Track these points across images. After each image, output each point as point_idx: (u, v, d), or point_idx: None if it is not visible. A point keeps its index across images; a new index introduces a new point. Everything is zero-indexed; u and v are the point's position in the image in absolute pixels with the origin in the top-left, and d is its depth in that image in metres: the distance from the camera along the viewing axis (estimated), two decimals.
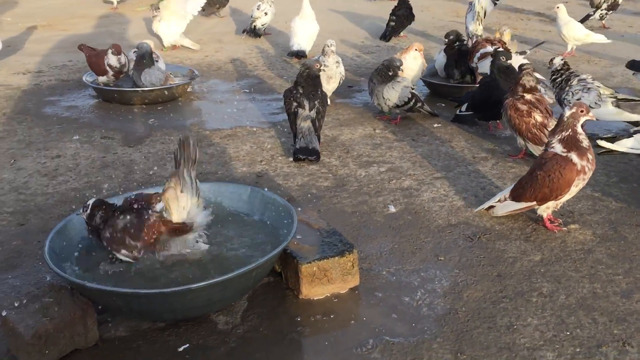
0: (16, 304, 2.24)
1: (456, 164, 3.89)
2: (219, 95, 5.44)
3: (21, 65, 6.33)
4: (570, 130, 2.88)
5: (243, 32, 7.55)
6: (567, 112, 2.91)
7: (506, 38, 5.35)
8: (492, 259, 2.83)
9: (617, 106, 4.23)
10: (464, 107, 4.55)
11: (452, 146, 4.18)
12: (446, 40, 5.28)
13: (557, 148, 2.91)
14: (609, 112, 4.20)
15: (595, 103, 4.15)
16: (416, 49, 5.01)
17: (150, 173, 3.81)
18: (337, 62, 4.81)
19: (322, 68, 4.43)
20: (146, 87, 4.99)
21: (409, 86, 4.48)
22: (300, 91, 4.07)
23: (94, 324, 2.27)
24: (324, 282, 2.56)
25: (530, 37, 7.46)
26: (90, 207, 2.48)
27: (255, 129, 4.56)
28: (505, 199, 3.10)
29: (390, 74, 4.46)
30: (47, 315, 2.18)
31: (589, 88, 4.21)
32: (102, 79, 5.16)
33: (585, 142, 2.90)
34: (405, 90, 4.45)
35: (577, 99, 4.11)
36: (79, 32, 7.89)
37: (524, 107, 3.74)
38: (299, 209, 2.90)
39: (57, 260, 2.38)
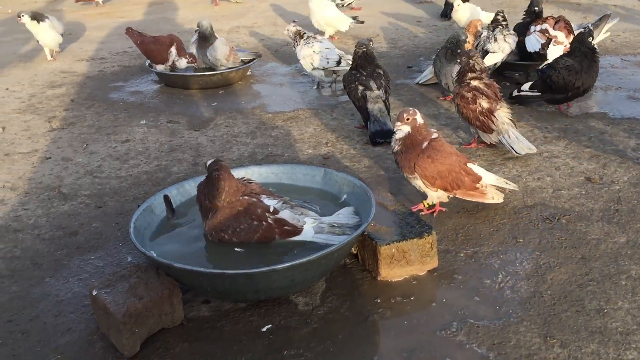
0: (106, 284, 2.30)
1: None
2: (278, 78, 5.44)
3: (83, 52, 6.48)
4: None
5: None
6: None
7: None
8: (574, 241, 2.74)
9: None
10: (525, 86, 4.39)
11: (521, 125, 4.06)
12: (535, 9, 5.05)
13: None
14: None
15: None
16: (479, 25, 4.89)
17: (218, 157, 3.84)
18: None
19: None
20: (212, 63, 5.03)
21: None
22: (364, 73, 4.01)
23: (180, 303, 2.32)
24: (403, 264, 2.54)
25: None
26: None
27: (317, 111, 4.54)
28: None
29: (458, 51, 4.35)
30: (137, 295, 2.22)
31: None
32: (160, 67, 5.19)
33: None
34: None
35: None
36: (136, 19, 8.02)
37: (469, 95, 3.59)
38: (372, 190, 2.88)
39: (141, 240, 2.43)
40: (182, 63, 5.10)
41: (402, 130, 2.88)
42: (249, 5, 8.62)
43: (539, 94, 4.33)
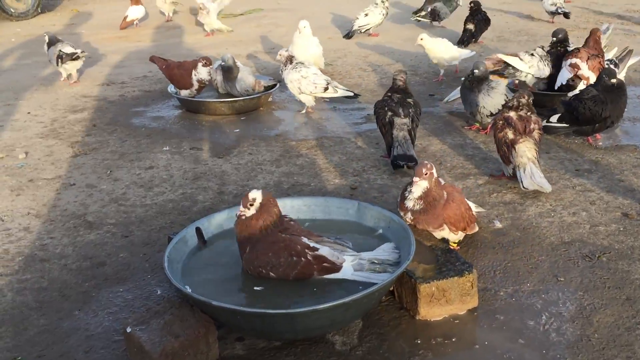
0: (140, 321, 2.23)
1: (558, 176, 3.72)
2: (298, 104, 5.41)
3: (103, 76, 6.49)
4: None
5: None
6: None
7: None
8: (617, 281, 2.66)
9: None
10: (554, 118, 4.34)
11: (551, 157, 4.01)
12: (554, 39, 5.04)
13: None
14: None
15: None
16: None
17: (243, 185, 3.79)
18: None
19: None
20: (242, 94, 5.05)
21: (504, 93, 4.33)
22: (395, 100, 4.00)
23: (215, 342, 2.25)
24: (442, 302, 2.47)
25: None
26: None
27: (341, 139, 4.50)
28: None
29: (480, 78, 4.34)
30: (172, 333, 2.16)
31: None
32: (185, 92, 5.16)
33: None
34: (500, 98, 4.29)
35: None
36: (154, 43, 8.06)
37: (499, 123, 3.62)
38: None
39: (174, 274, 2.37)
40: (204, 73, 5.03)
41: (420, 186, 2.76)
42: (255, 32, 8.64)
43: (567, 125, 4.28)
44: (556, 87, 4.78)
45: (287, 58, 4.97)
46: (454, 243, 2.92)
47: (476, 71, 4.35)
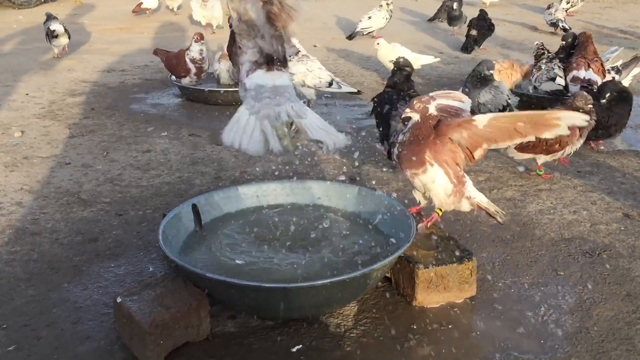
0: (131, 292, 2.18)
1: (560, 176, 3.69)
2: (301, 97, 5.38)
3: (105, 64, 6.45)
4: None
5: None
6: None
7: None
8: (617, 277, 2.62)
9: None
10: None
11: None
12: (563, 42, 5.02)
13: None
14: None
15: None
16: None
17: (241, 172, 3.75)
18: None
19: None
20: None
21: (505, 93, 4.30)
22: (394, 93, 3.96)
23: (207, 316, 2.19)
24: (440, 289, 2.42)
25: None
26: None
27: (342, 132, 4.45)
28: None
29: (486, 77, 4.31)
30: (163, 305, 2.10)
31: None
32: (185, 80, 5.13)
33: None
34: (501, 97, 4.27)
35: None
36: (157, 35, 8.03)
37: None
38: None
39: (170, 249, 2.32)
40: (195, 51, 4.99)
41: (412, 118, 2.48)
42: None
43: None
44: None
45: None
46: (439, 209, 2.64)
47: (486, 72, 4.32)
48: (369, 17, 7.71)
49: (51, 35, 6.33)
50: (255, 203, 2.80)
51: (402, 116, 2.56)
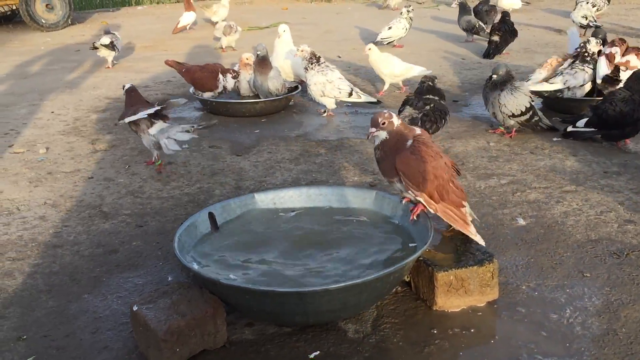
0: (147, 300, 2.18)
1: (585, 177, 3.60)
2: (319, 107, 5.37)
3: (129, 80, 6.52)
4: None
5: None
6: None
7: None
8: None
9: None
10: (580, 123, 4.23)
11: (578, 160, 3.88)
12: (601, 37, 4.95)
13: None
14: None
15: None
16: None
17: (260, 181, 3.74)
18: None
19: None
20: (269, 93, 5.04)
21: (528, 94, 4.23)
22: (416, 98, 3.97)
23: (224, 324, 2.18)
24: (461, 293, 2.36)
25: None
26: None
27: (362, 141, 4.43)
28: None
29: (496, 81, 4.25)
30: (179, 312, 2.10)
31: None
32: (207, 94, 5.20)
33: None
34: (524, 99, 4.20)
35: None
36: (180, 52, 8.14)
37: None
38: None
39: (185, 257, 2.31)
40: (230, 82, 5.16)
41: (378, 137, 2.50)
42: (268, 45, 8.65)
43: (594, 129, 4.16)
44: (598, 81, 4.67)
45: (311, 54, 4.91)
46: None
47: (495, 76, 4.26)
48: (389, 28, 7.76)
49: (92, 47, 6.99)
50: (271, 207, 2.79)
51: (368, 136, 2.54)
